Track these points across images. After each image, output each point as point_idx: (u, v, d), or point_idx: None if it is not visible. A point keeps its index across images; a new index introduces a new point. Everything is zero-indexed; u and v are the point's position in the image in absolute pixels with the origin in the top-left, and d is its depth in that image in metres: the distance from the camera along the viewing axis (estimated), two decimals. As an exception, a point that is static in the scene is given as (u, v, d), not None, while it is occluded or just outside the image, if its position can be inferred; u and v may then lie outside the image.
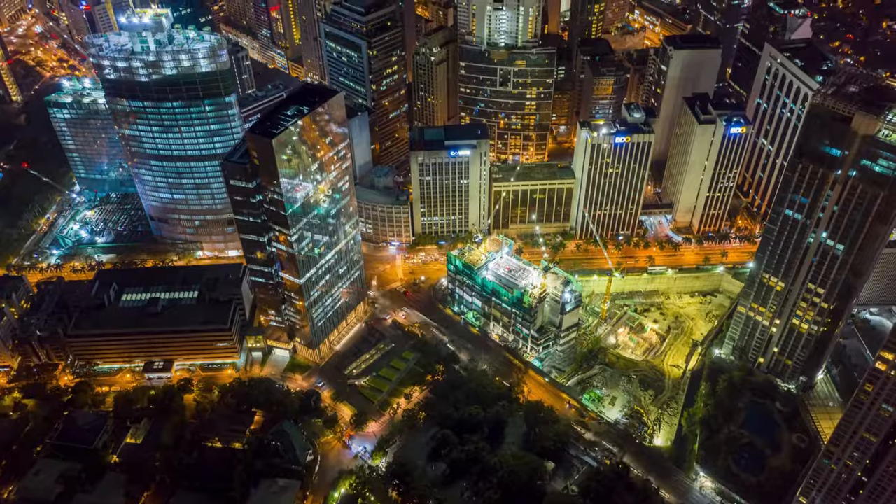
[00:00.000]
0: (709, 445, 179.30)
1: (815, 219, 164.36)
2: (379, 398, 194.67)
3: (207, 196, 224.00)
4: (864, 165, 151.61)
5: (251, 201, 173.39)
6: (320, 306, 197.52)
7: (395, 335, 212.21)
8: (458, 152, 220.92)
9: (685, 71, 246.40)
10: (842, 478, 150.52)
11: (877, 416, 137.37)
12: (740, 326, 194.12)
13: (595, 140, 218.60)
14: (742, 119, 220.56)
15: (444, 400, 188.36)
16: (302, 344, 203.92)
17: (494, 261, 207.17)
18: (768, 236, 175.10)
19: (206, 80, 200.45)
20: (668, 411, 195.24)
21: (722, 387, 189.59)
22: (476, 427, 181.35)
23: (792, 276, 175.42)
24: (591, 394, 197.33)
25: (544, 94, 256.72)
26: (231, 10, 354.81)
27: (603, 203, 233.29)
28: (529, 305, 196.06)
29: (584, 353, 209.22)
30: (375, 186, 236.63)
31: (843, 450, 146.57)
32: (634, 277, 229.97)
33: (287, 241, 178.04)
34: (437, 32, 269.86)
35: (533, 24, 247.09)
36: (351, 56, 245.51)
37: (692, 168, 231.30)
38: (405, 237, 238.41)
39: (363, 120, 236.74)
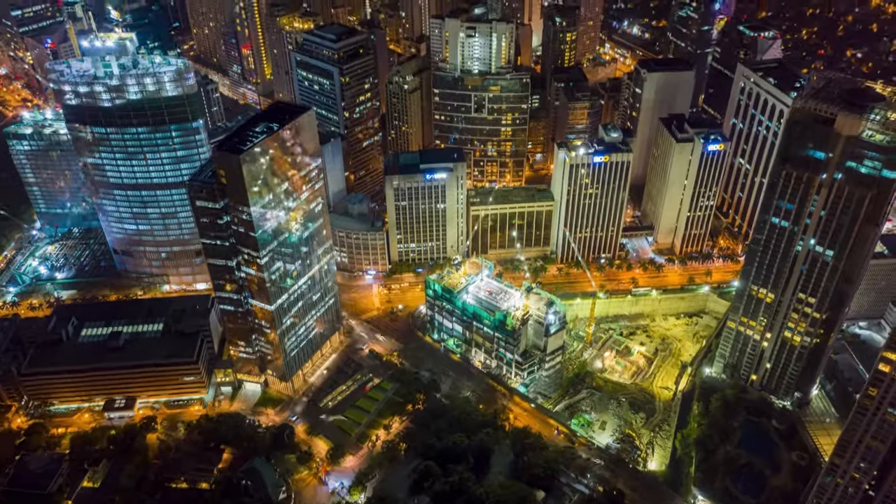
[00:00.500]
0: (705, 467, 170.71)
1: (803, 225, 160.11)
2: (356, 431, 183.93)
3: (174, 226, 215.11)
4: (849, 167, 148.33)
5: (218, 223, 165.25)
6: (293, 335, 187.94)
7: (373, 365, 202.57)
8: (434, 176, 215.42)
9: (660, 93, 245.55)
10: (848, 493, 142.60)
11: (883, 422, 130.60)
12: (730, 342, 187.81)
13: (573, 160, 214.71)
14: (719, 136, 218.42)
15: (426, 429, 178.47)
16: (274, 376, 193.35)
17: (474, 284, 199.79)
18: (755, 246, 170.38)
19: (173, 105, 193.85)
20: (660, 434, 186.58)
21: (715, 406, 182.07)
22: (460, 456, 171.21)
23: (781, 287, 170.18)
24: (579, 418, 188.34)
25: (519, 119, 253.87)
26: (201, 49, 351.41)
27: (583, 225, 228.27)
28: (512, 328, 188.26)
29: (571, 377, 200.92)
30: (350, 214, 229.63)
31: (849, 461, 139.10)
32: (618, 300, 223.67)
33: (257, 265, 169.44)
34: (410, 61, 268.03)
35: (506, 51, 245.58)
36: (323, 84, 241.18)
37: (672, 187, 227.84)
38: (381, 265, 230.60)
39: (336, 146, 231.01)
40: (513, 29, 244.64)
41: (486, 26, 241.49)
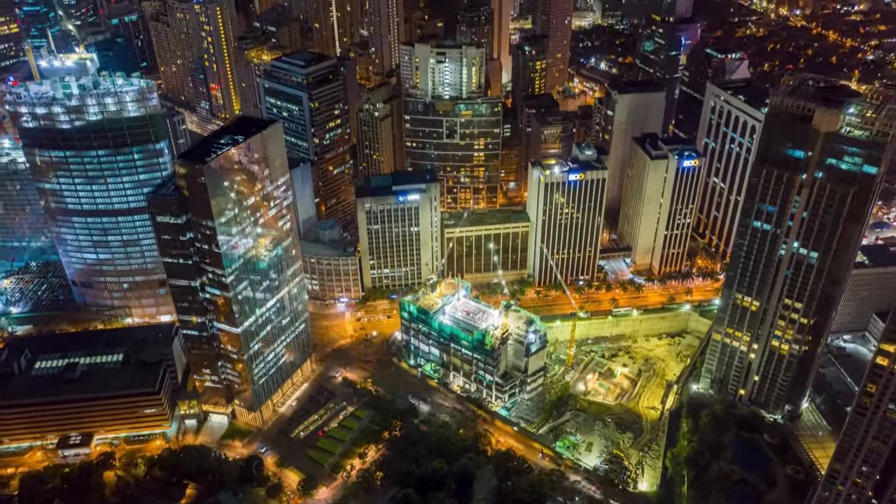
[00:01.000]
0: (698, 485, 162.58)
1: (786, 228, 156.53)
2: (330, 461, 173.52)
3: (137, 254, 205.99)
4: (829, 165, 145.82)
5: (181, 240, 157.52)
6: (261, 362, 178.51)
7: (347, 393, 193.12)
8: (408, 197, 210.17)
9: (631, 115, 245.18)
10: (851, 500, 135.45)
11: (884, 420, 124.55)
12: (716, 356, 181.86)
13: (548, 179, 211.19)
14: (694, 152, 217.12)
15: (404, 456, 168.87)
16: (242, 407, 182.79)
17: (451, 304, 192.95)
18: (737, 252, 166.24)
19: (135, 126, 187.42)
20: (649, 454, 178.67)
21: (704, 422, 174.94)
22: (441, 483, 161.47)
23: (766, 293, 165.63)
24: (564, 441, 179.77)
25: (492, 145, 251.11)
26: (169, 87, 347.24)
27: (560, 246, 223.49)
28: (492, 347, 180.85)
29: (553, 400, 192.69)
30: (321, 240, 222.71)
31: (850, 466, 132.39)
32: (599, 321, 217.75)
33: (222, 285, 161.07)
34: (381, 88, 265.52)
35: (477, 76, 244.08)
36: (292, 110, 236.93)
37: (648, 206, 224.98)
38: (354, 292, 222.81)
39: (306, 172, 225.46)
40: (483, 54, 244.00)
41: (456, 52, 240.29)
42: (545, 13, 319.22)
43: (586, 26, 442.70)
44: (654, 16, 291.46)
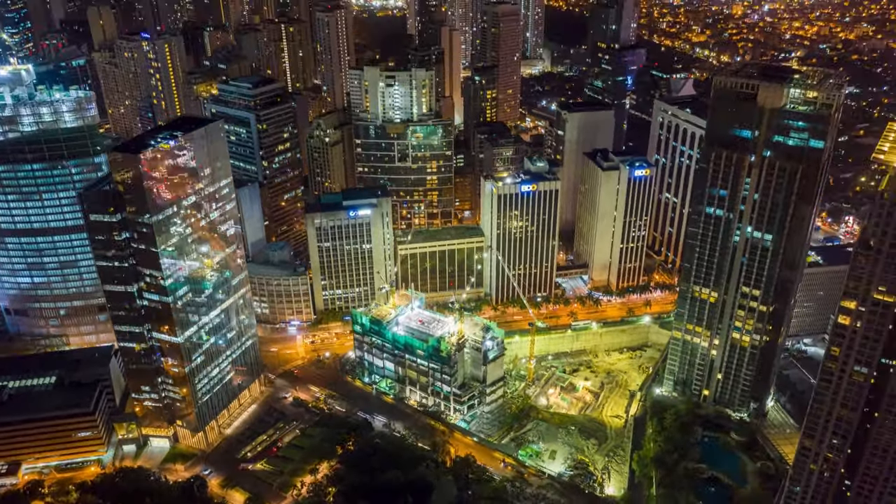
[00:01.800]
0: (667, 484, 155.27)
1: (738, 212, 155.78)
2: (279, 480, 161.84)
3: (75, 277, 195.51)
4: (777, 142, 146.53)
5: (116, 239, 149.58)
6: (205, 377, 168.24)
7: (297, 413, 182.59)
8: (359, 212, 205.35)
9: (581, 134, 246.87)
10: (824, 478, 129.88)
11: (851, 385, 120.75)
12: (678, 355, 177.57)
13: (500, 190, 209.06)
14: (644, 163, 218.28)
15: (357, 469, 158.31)
16: (184, 428, 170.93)
17: (405, 315, 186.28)
18: (692, 241, 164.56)
19: (72, 138, 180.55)
20: (615, 459, 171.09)
21: (669, 423, 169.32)
22: (396, 495, 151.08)
23: (724, 283, 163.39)
24: (527, 449, 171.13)
25: (444, 167, 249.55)
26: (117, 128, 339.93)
27: (516, 262, 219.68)
28: (448, 354, 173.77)
29: (514, 414, 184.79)
30: (270, 262, 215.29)
31: (821, 440, 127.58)
32: (558, 336, 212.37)
33: (160, 289, 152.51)
34: (331, 114, 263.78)
35: (427, 98, 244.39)
36: (239, 133, 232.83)
37: (602, 220, 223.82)
38: (306, 315, 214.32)
39: (254, 191, 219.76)
40: (433, 76, 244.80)
41: (405, 74, 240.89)
42: (494, 49, 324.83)
43: (536, 73, 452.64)
44: (599, 43, 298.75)
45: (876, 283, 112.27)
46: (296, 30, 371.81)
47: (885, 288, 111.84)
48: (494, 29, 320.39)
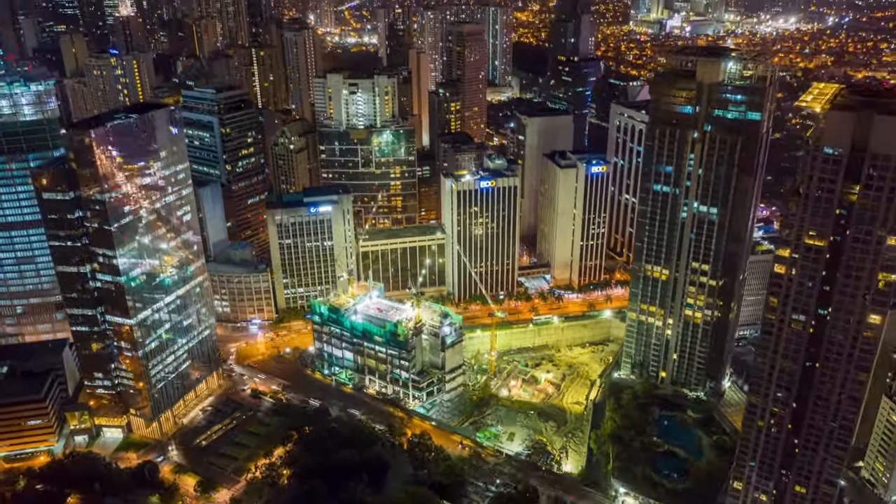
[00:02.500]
0: (624, 457, 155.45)
1: (684, 188, 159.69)
2: (233, 465, 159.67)
3: (31, 273, 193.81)
4: (717, 116, 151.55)
5: (69, 219, 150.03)
6: (159, 363, 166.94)
7: (255, 404, 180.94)
8: (320, 209, 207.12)
9: (541, 138, 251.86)
10: (772, 435, 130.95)
11: (790, 335, 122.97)
12: (634, 336, 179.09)
13: (460, 187, 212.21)
14: (601, 160, 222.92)
15: (312, 450, 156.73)
16: (138, 416, 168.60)
17: (363, 303, 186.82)
18: (642, 220, 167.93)
19: (31, 131, 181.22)
20: (573, 440, 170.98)
21: (627, 400, 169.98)
22: (352, 474, 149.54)
23: (674, 260, 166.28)
24: (485, 432, 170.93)
25: (408, 172, 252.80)
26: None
27: (478, 259, 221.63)
28: (405, 339, 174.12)
29: (475, 402, 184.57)
30: (232, 260, 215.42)
31: (766, 394, 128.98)
32: (520, 331, 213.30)
33: (113, 268, 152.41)
34: (296, 122, 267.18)
35: (390, 104, 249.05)
36: (203, 137, 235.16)
37: (562, 218, 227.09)
38: (268, 313, 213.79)
39: (215, 191, 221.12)
40: (395, 82, 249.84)
41: (368, 82, 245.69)
42: (460, 68, 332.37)
43: (505, 99, 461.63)
44: (559, 57, 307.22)
45: (806, 229, 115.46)
46: (266, 54, 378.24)
47: (815, 232, 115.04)
48: (459, 48, 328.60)
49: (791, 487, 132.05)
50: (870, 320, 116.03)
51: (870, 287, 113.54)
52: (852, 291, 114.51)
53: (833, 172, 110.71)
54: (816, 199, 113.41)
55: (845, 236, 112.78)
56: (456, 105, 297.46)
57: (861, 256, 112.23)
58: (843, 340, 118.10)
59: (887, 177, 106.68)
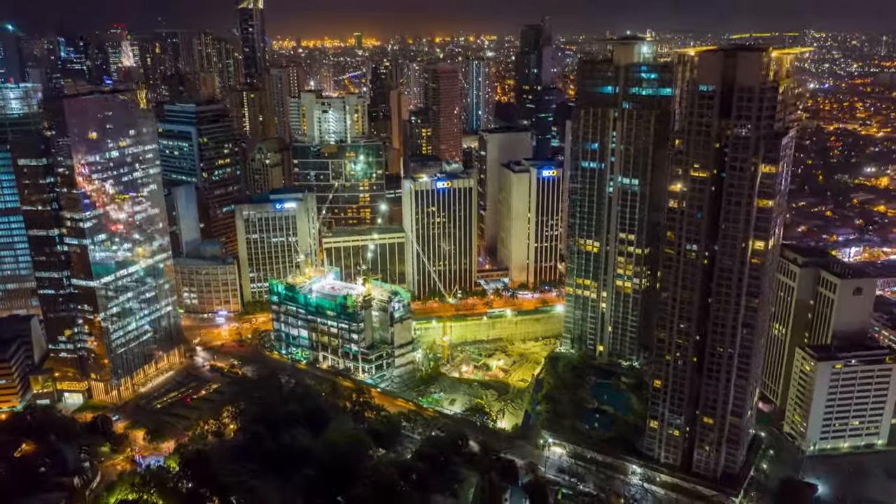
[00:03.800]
0: (555, 411, 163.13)
1: (609, 163, 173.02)
2: (184, 423, 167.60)
3: (10, 259, 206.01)
4: (633, 94, 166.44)
5: (41, 183, 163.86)
6: (120, 329, 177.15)
7: (213, 377, 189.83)
8: (285, 205, 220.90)
9: (502, 152, 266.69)
10: (679, 368, 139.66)
11: (687, 265, 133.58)
12: (572, 311, 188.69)
13: (418, 186, 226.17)
14: (552, 165, 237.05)
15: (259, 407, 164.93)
16: (98, 381, 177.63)
17: (319, 283, 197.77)
18: (574, 196, 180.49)
19: (17, 124, 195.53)
20: (511, 405, 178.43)
21: (563, 368, 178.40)
22: (295, 422, 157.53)
23: (604, 233, 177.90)
24: (428, 398, 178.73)
25: (376, 185, 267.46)
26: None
27: (436, 258, 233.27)
28: (354, 310, 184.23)
29: (423, 378, 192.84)
30: (202, 256, 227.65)
31: (670, 327, 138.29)
32: (475, 323, 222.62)
33: (80, 231, 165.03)
34: (272, 139, 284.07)
35: (360, 122, 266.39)
36: (182, 147, 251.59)
37: (517, 221, 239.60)
38: (234, 305, 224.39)
39: (190, 191, 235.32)
40: (364, 102, 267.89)
41: (339, 101, 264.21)
42: (436, 103, 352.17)
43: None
44: (524, 86, 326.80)
45: (691, 162, 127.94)
46: (256, 96, 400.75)
47: (698, 165, 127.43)
48: (434, 85, 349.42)
49: (700, 420, 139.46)
50: (756, 247, 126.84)
51: (750, 214, 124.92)
52: (734, 218, 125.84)
53: (708, 108, 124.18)
54: (697, 134, 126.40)
55: (725, 167, 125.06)
56: (427, 131, 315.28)
57: (739, 184, 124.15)
58: (732, 267, 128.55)
59: (753, 107, 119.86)
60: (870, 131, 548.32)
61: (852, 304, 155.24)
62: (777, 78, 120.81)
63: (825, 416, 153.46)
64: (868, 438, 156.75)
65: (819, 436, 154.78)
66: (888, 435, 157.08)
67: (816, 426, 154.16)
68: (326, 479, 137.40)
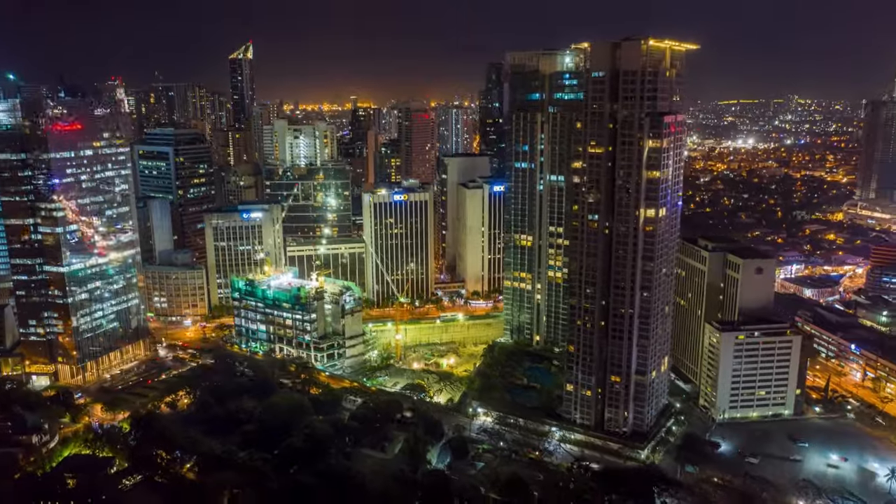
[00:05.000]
0: (486, 386, 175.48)
1: (539, 162, 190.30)
2: (141, 401, 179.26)
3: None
4: (558, 98, 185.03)
5: (19, 176, 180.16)
6: (87, 315, 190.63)
7: (175, 367, 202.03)
8: (251, 214, 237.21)
9: (461, 175, 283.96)
10: (588, 331, 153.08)
11: (590, 233, 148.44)
12: (510, 303, 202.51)
13: (376, 199, 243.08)
14: (504, 181, 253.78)
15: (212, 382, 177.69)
16: (65, 364, 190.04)
17: (277, 280, 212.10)
18: (509, 195, 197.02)
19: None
20: (451, 387, 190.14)
21: (499, 352, 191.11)
22: (243, 394, 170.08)
23: (537, 227, 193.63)
24: (373, 380, 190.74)
25: (343, 206, 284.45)
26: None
27: (394, 267, 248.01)
28: (307, 301, 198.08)
29: (374, 368, 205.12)
30: (173, 263, 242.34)
31: (579, 294, 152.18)
32: (428, 326, 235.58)
33: (53, 220, 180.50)
34: (247, 164, 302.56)
35: (329, 147, 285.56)
36: (160, 166, 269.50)
37: (471, 234, 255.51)
38: (201, 309, 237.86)
39: (164, 205, 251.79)
40: (333, 129, 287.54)
41: (309, 127, 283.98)
42: (408, 139, 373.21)
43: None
44: (487, 119, 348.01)
45: (589, 140, 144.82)
46: (242, 137, 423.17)
47: (594, 142, 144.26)
48: (407, 123, 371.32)
49: (608, 379, 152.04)
50: (647, 215, 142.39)
51: (640, 184, 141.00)
52: (625, 188, 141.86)
53: (601, 91, 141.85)
54: (593, 115, 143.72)
55: (616, 143, 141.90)
56: (396, 161, 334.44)
57: (629, 158, 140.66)
58: (627, 233, 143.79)
59: (636, 89, 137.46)
60: (836, 178, 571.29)
61: (755, 282, 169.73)
62: (656, 64, 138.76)
63: (733, 385, 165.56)
64: (775, 408, 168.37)
65: (728, 405, 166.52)
66: (794, 405, 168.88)
67: (725, 396, 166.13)
68: (265, 434, 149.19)
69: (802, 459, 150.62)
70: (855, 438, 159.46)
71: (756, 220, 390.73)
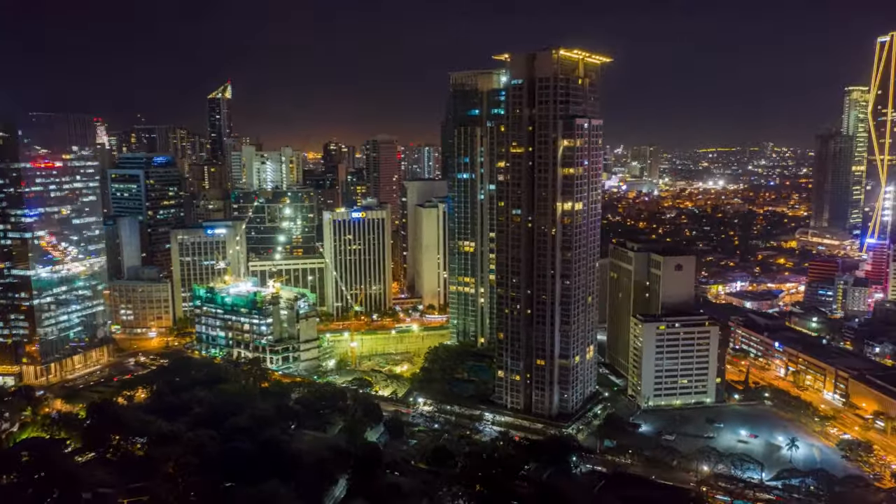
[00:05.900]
0: (428, 380, 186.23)
1: (479, 173, 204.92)
2: (100, 395, 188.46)
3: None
4: (495, 114, 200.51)
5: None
6: (52, 318, 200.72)
7: (136, 370, 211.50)
8: (215, 230, 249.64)
9: (421, 197, 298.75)
10: (514, 318, 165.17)
11: (514, 226, 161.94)
12: (456, 307, 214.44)
13: (336, 217, 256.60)
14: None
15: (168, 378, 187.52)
16: (29, 364, 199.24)
17: (237, 288, 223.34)
18: (453, 203, 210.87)
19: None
20: (397, 384, 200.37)
21: (443, 352, 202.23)
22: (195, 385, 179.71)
23: (478, 234, 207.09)
24: (323, 378, 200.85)
25: (308, 227, 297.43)
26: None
27: (353, 282, 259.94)
28: (262, 305, 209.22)
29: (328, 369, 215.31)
30: (140, 278, 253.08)
31: (506, 284, 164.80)
32: (384, 337, 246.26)
33: (22, 226, 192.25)
34: (217, 188, 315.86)
35: (295, 172, 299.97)
36: (130, 188, 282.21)
37: (427, 252, 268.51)
38: (166, 321, 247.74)
39: (133, 223, 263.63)
40: (300, 154, 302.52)
41: (276, 154, 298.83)
42: (376, 170, 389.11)
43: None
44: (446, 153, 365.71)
45: (511, 142, 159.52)
46: (217, 170, 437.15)
47: (516, 143, 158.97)
48: (375, 154, 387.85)
49: (535, 363, 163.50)
50: (565, 208, 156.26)
51: (556, 180, 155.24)
52: (544, 184, 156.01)
53: (520, 97, 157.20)
54: (514, 119, 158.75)
55: (535, 144, 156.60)
56: (361, 188, 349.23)
57: (545, 156, 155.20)
58: (546, 226, 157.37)
59: (549, 92, 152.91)
60: (797, 213, 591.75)
61: (675, 278, 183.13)
62: (569, 72, 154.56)
63: (656, 374, 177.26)
64: (697, 396, 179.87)
65: (653, 393, 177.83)
66: (715, 393, 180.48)
67: (649, 384, 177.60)
68: (212, 416, 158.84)
69: (715, 436, 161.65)
70: (768, 420, 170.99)
71: (712, 248, 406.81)
